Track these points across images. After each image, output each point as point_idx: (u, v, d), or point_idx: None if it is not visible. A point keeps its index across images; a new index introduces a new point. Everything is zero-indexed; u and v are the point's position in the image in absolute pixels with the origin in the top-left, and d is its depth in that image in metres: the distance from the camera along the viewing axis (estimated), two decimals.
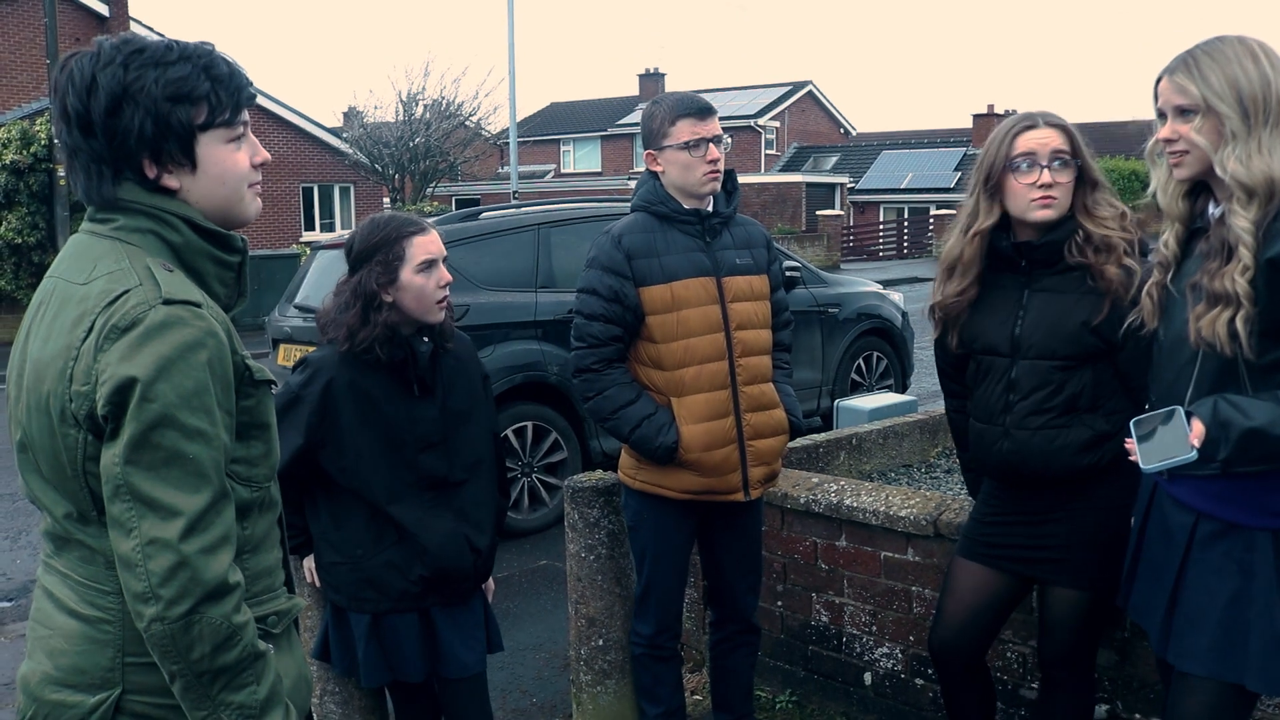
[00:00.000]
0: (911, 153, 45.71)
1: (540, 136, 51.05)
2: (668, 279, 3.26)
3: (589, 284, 3.32)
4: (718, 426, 3.28)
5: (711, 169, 3.27)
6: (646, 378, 3.33)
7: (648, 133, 3.35)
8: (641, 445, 3.28)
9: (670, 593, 3.49)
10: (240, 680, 1.68)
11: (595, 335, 3.29)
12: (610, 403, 3.30)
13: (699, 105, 3.29)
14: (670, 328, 3.26)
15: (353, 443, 2.88)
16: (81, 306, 1.68)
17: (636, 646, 3.58)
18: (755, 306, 3.38)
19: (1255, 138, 2.31)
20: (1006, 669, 3.54)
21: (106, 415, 1.62)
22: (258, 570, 1.85)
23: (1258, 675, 2.39)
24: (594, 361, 3.30)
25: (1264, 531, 2.38)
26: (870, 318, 9.30)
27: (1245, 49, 2.35)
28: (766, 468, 3.42)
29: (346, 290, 2.92)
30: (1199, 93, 2.36)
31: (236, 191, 1.84)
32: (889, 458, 5.57)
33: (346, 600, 2.96)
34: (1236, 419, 2.27)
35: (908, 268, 30.75)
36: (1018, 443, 2.84)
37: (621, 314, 3.27)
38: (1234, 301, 2.29)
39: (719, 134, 3.31)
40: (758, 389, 3.37)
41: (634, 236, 3.31)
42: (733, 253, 3.37)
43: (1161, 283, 2.53)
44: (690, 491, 3.33)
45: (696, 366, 3.27)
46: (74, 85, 1.72)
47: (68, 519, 1.75)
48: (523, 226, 7.37)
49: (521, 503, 7.02)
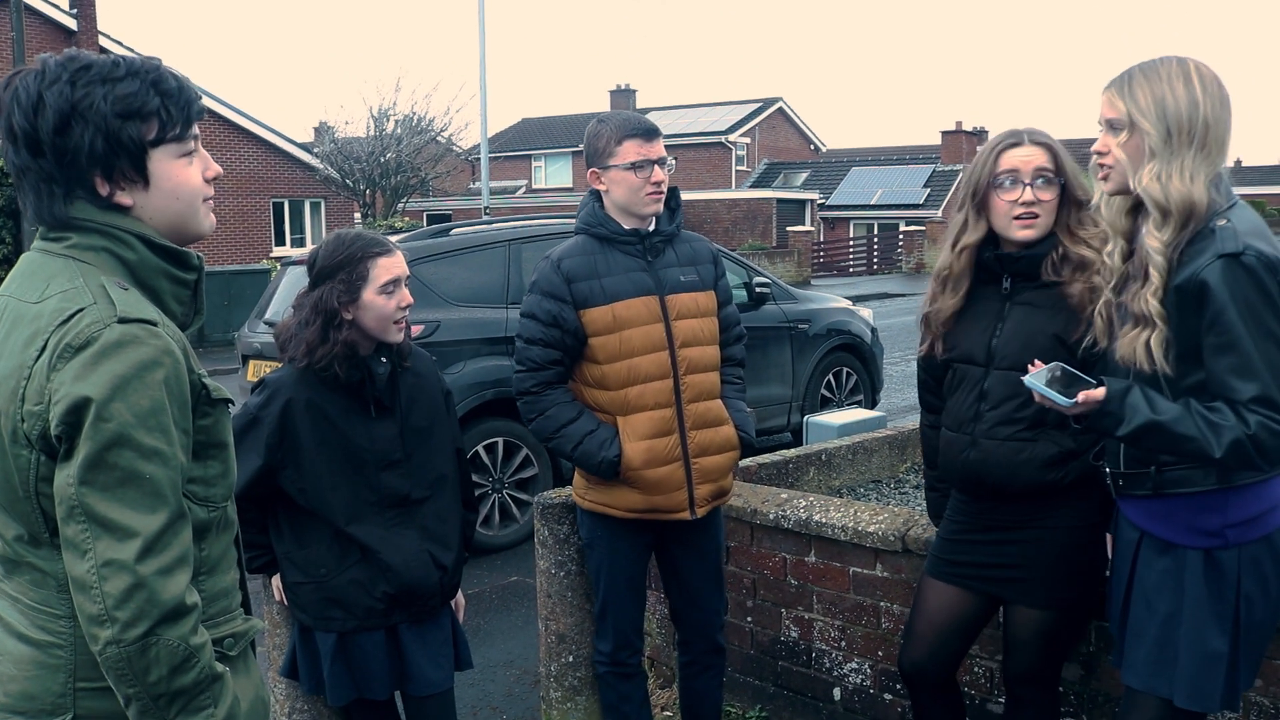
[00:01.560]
0: (881, 169, 46.04)
1: (512, 152, 51.04)
2: (609, 300, 3.26)
3: (528, 309, 3.33)
4: (660, 444, 3.27)
5: (655, 190, 3.29)
6: (592, 398, 3.34)
7: (592, 151, 3.35)
8: (585, 461, 3.29)
9: (625, 610, 3.48)
10: (198, 703, 1.66)
11: (534, 359, 3.30)
12: (552, 422, 3.31)
13: (645, 127, 3.31)
14: (613, 348, 3.26)
15: (312, 463, 2.87)
16: (34, 325, 1.66)
17: (600, 664, 3.57)
18: (701, 323, 3.38)
19: (1178, 159, 2.34)
20: (974, 684, 3.56)
21: (60, 435, 1.60)
22: (215, 591, 1.83)
23: (1184, 692, 2.42)
24: (533, 385, 3.32)
25: (1195, 550, 2.42)
26: (840, 334, 9.34)
27: (1181, 70, 2.39)
28: (713, 485, 3.39)
29: (306, 305, 2.91)
30: (1125, 108, 2.42)
31: (190, 206, 1.82)
32: (858, 473, 5.60)
33: (312, 619, 2.95)
34: (1142, 408, 2.33)
35: (878, 283, 30.93)
36: (984, 452, 2.86)
37: (560, 338, 3.28)
38: (1149, 323, 2.34)
39: (664, 156, 3.32)
40: (704, 406, 3.35)
41: (574, 260, 3.31)
42: (677, 270, 3.37)
43: (1110, 300, 2.57)
44: (636, 510, 3.33)
45: (640, 385, 3.27)
46: (20, 104, 1.69)
47: (18, 541, 1.73)
48: (494, 242, 7.36)
49: (492, 519, 6.99)
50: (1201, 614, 2.40)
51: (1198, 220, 2.33)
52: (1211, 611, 2.40)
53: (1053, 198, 2.81)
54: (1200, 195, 2.33)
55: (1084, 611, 2.92)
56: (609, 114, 3.43)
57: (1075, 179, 2.84)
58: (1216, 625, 2.40)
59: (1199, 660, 2.41)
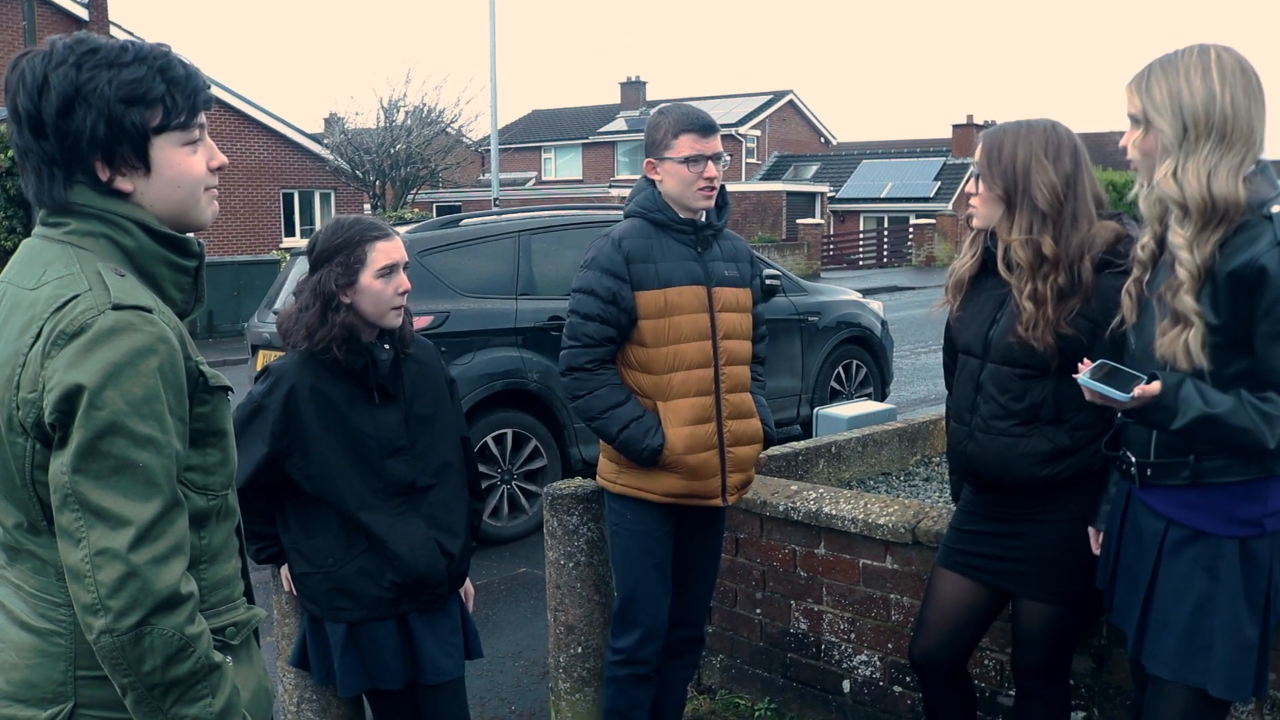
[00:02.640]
0: (891, 162, 45.87)
1: (522, 144, 51.02)
2: (663, 285, 3.30)
3: (587, 284, 3.33)
4: (701, 431, 3.31)
5: (708, 186, 3.33)
6: (633, 381, 3.36)
7: (650, 141, 3.39)
8: (628, 446, 3.29)
9: (656, 598, 3.45)
10: (194, 693, 1.65)
11: (590, 335, 3.31)
12: (600, 402, 3.31)
13: (703, 122, 3.33)
14: (662, 332, 3.30)
15: (318, 450, 2.87)
16: (30, 312, 1.65)
17: (617, 666, 3.48)
18: (740, 318, 3.44)
19: (1197, 153, 2.32)
20: (985, 676, 3.55)
21: (54, 423, 1.59)
22: (215, 580, 1.82)
23: (1221, 681, 2.41)
24: (587, 361, 3.32)
25: (1231, 539, 2.40)
26: (850, 326, 9.31)
27: (1200, 62, 2.35)
28: (743, 474, 3.45)
29: (306, 290, 2.92)
30: (1141, 105, 2.40)
31: (192, 195, 1.81)
32: (868, 466, 5.58)
33: (322, 610, 2.94)
34: (1195, 401, 2.31)
35: (887, 276, 30.86)
36: (980, 445, 2.87)
37: (617, 316, 3.30)
38: (1188, 321, 2.32)
39: (719, 152, 3.35)
40: (739, 397, 3.41)
41: (633, 241, 3.34)
42: (722, 264, 3.43)
43: (1140, 279, 2.55)
44: (673, 495, 3.34)
45: (684, 372, 3.31)
46: (25, 85, 1.68)
47: (18, 529, 1.72)
48: (503, 233, 7.35)
49: (501, 510, 6.99)
50: (1237, 604, 2.39)
51: (1232, 216, 2.30)
52: (1246, 600, 2.39)
53: (982, 191, 2.84)
54: (1225, 190, 2.29)
55: (1092, 605, 2.91)
56: (670, 106, 3.44)
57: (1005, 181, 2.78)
58: (1250, 614, 2.39)
59: (1235, 650, 2.39)
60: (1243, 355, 2.32)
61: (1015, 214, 2.77)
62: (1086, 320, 2.72)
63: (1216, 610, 2.40)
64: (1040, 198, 2.74)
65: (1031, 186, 2.75)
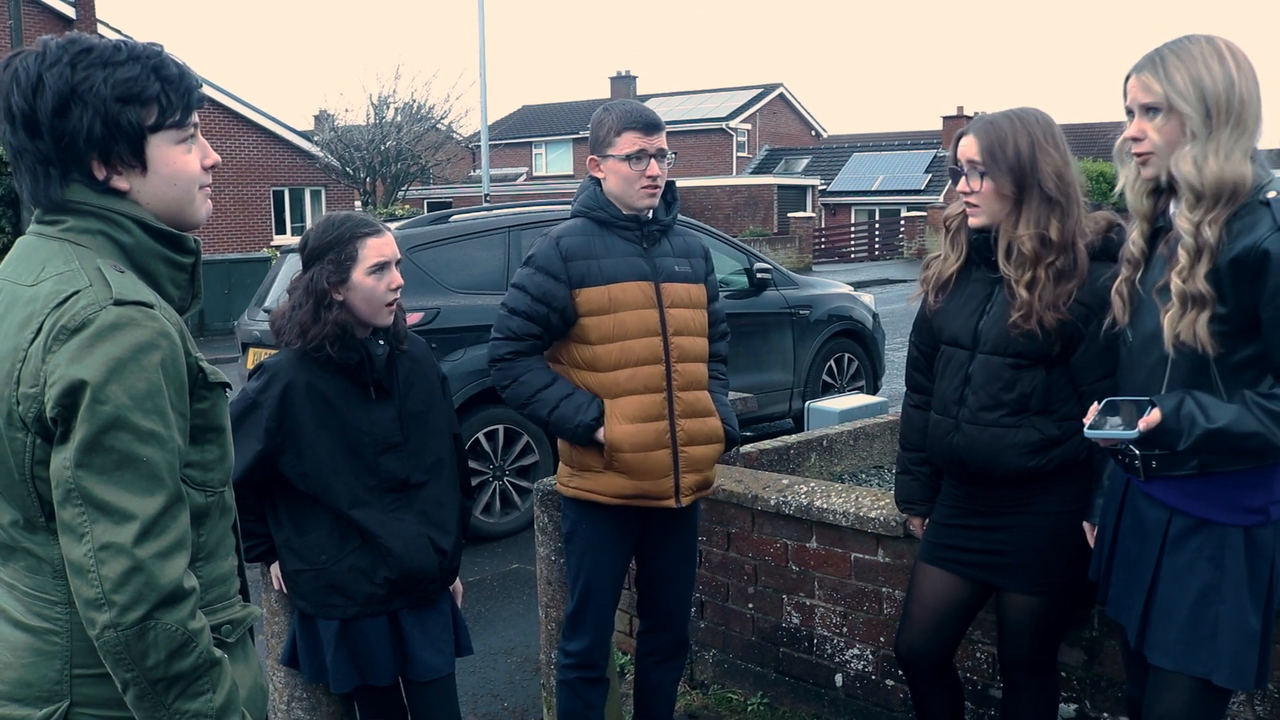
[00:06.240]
0: (882, 155, 45.91)
1: (512, 139, 50.96)
2: (606, 281, 3.26)
3: (520, 281, 3.32)
4: (650, 428, 3.26)
5: (650, 184, 3.29)
6: (581, 380, 3.31)
7: (594, 139, 3.36)
8: (562, 426, 3.26)
9: (606, 604, 3.44)
10: (196, 688, 1.65)
11: (513, 330, 3.29)
12: (527, 388, 3.29)
13: (647, 119, 3.29)
14: (606, 329, 3.26)
15: (312, 447, 2.87)
16: (29, 308, 1.65)
17: (568, 670, 3.47)
18: (692, 314, 3.39)
19: (1216, 139, 2.32)
20: (975, 669, 3.55)
21: (56, 418, 1.59)
22: (212, 577, 1.82)
23: (1225, 670, 2.41)
24: (506, 352, 3.30)
25: (1237, 529, 2.40)
26: (841, 319, 9.33)
27: (1212, 49, 2.37)
28: (699, 475, 3.37)
29: (299, 288, 2.92)
30: (1163, 91, 2.37)
31: (187, 193, 1.81)
32: (860, 459, 5.59)
33: (314, 607, 2.94)
34: (1198, 418, 2.31)
35: (879, 269, 30.90)
36: (967, 437, 2.87)
37: (545, 314, 3.26)
38: (1203, 303, 2.31)
39: (663, 149, 3.31)
40: (693, 395, 3.35)
41: (572, 239, 3.31)
42: (671, 260, 3.38)
43: (1130, 279, 2.55)
44: (623, 495, 3.30)
45: (631, 369, 3.26)
46: (19, 85, 1.68)
47: (14, 526, 1.72)
48: (493, 229, 7.35)
49: (493, 506, 7.00)
50: (1241, 593, 2.39)
51: (1239, 197, 2.30)
52: (1249, 589, 2.40)
53: (987, 189, 2.80)
54: (1238, 172, 2.30)
55: (1076, 596, 2.91)
56: (615, 102, 3.42)
57: (1015, 174, 2.76)
58: (1253, 603, 2.40)
59: (1240, 639, 2.40)
60: (1249, 341, 2.33)
61: (1025, 207, 2.75)
62: (1081, 306, 2.73)
63: (1221, 599, 2.40)
64: (1050, 185, 2.74)
65: (1041, 176, 2.74)
